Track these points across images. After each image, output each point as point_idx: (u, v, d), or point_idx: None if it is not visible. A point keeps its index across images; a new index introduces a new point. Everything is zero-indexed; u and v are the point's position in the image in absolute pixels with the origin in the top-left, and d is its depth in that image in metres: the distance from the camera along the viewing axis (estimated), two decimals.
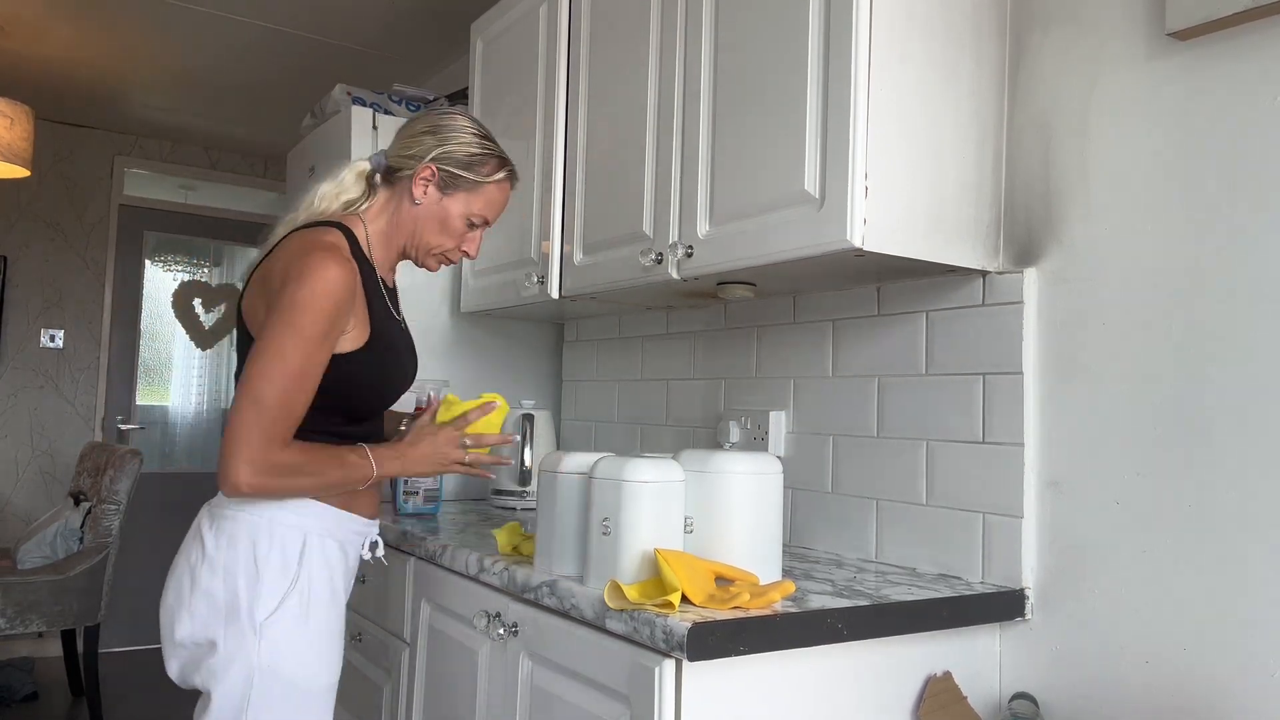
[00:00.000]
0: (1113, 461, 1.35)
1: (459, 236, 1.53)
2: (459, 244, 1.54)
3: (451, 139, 1.49)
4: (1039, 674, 1.42)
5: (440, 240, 1.52)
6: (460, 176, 1.49)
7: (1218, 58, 1.27)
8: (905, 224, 1.38)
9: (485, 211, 1.53)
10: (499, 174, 1.52)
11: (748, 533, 1.32)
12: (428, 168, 1.47)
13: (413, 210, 1.50)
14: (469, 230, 1.54)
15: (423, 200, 1.49)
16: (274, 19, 3.16)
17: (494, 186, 1.53)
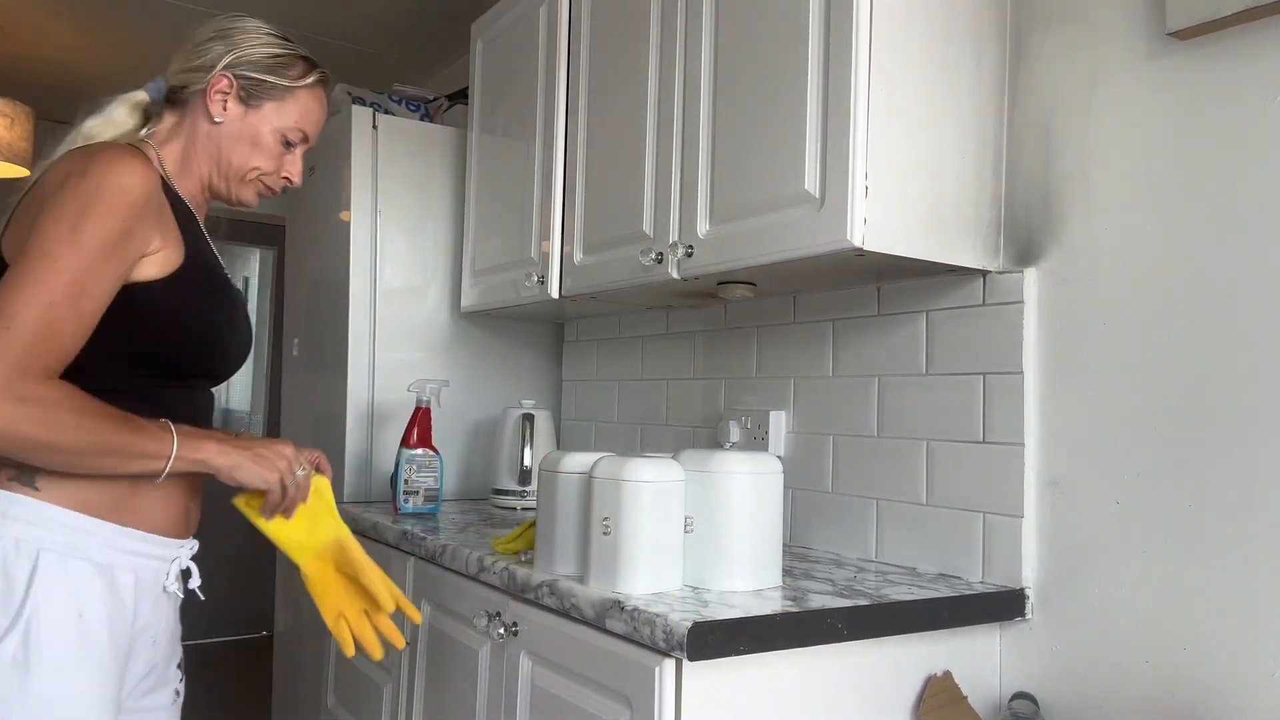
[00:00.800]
0: (1113, 461, 1.35)
1: (275, 157, 1.30)
2: (277, 167, 1.31)
3: (245, 41, 1.26)
4: (1039, 674, 1.42)
5: (254, 162, 1.28)
6: (264, 82, 1.26)
7: (1218, 58, 1.27)
8: (905, 224, 1.38)
9: (302, 124, 1.30)
10: (310, 77, 1.30)
11: (748, 533, 1.32)
12: (223, 77, 1.24)
13: (213, 131, 1.25)
14: (286, 149, 1.30)
15: (224, 118, 1.25)
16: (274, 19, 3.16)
17: (307, 93, 1.30)
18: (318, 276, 2.61)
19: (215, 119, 1.25)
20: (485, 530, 1.88)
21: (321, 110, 1.34)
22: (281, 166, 1.32)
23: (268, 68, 1.27)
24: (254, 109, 1.27)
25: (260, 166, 1.30)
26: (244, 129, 1.27)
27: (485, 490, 2.49)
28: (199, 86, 1.25)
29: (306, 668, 2.56)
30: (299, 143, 1.32)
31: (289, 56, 1.30)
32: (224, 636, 4.69)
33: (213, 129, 1.26)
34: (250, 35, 1.28)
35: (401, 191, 2.44)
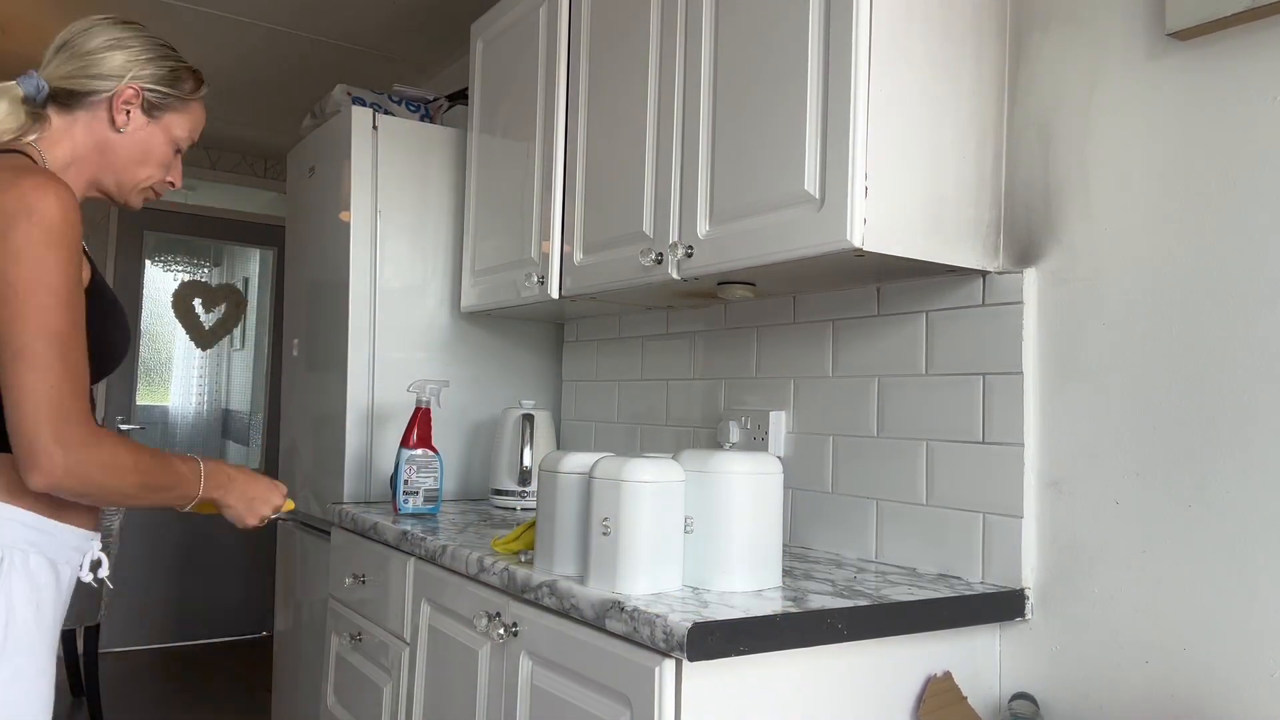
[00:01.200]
0: (1113, 461, 1.35)
1: (167, 164, 1.36)
2: (166, 173, 1.37)
3: (147, 53, 1.31)
4: (1039, 674, 1.42)
5: (149, 170, 1.33)
6: (167, 95, 1.32)
7: (1218, 58, 1.27)
8: (905, 224, 1.38)
9: (193, 134, 1.38)
10: (201, 90, 1.38)
11: (748, 533, 1.32)
12: (129, 88, 1.28)
13: (113, 139, 1.29)
14: (173, 156, 1.37)
15: (127, 128, 1.29)
16: (274, 19, 3.17)
17: (198, 104, 1.38)
18: (318, 276, 2.61)
19: (119, 128, 1.29)
20: (485, 530, 1.88)
21: (204, 119, 1.42)
22: (169, 172, 1.38)
23: (169, 80, 1.33)
24: (155, 120, 1.32)
25: (154, 175, 1.35)
26: (143, 138, 1.31)
27: (485, 490, 2.49)
28: (103, 94, 1.28)
29: (306, 668, 2.56)
30: (183, 149, 1.39)
31: (183, 69, 1.36)
32: (224, 636, 4.69)
33: (113, 137, 1.29)
34: (151, 47, 1.33)
35: (401, 191, 2.44)
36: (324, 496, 2.48)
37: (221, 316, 5.04)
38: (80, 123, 1.28)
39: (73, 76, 1.27)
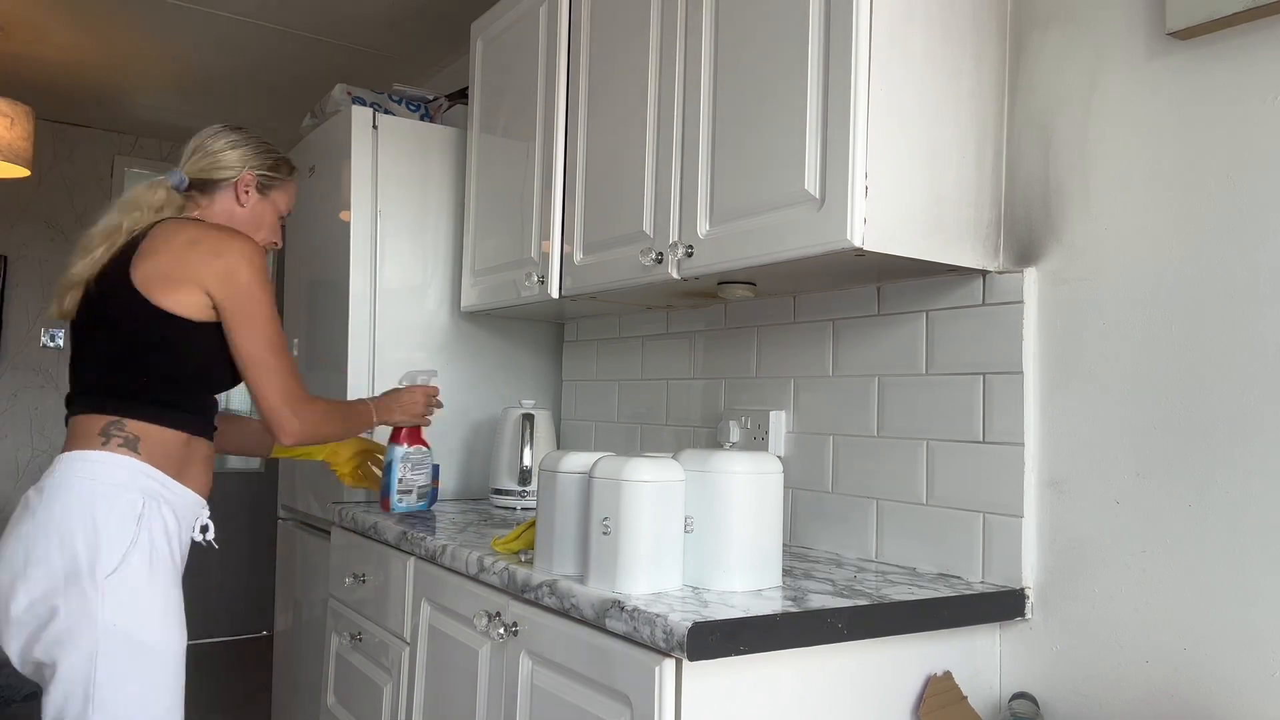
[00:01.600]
0: (1113, 461, 1.35)
1: (276, 229, 1.80)
2: (272, 236, 1.79)
3: (252, 150, 1.74)
4: (1039, 674, 1.42)
5: (264, 234, 1.76)
6: (272, 178, 1.76)
7: (1218, 57, 1.27)
8: (905, 224, 1.38)
9: (290, 205, 1.82)
10: (294, 174, 1.82)
11: (748, 533, 1.32)
12: (248, 174, 1.72)
13: (238, 212, 1.73)
14: (278, 223, 1.81)
15: (247, 204, 1.73)
16: (274, 19, 3.16)
17: (293, 183, 1.82)
18: (318, 276, 2.61)
19: (242, 204, 1.73)
20: (485, 530, 1.88)
21: (297, 192, 1.86)
22: (274, 235, 1.81)
23: (272, 168, 1.77)
24: (264, 197, 1.76)
25: (265, 236, 1.78)
26: (259, 211, 1.76)
27: (485, 490, 2.49)
28: (230, 180, 1.72)
29: (306, 668, 2.56)
30: (285, 217, 1.83)
31: (282, 160, 1.79)
32: (224, 636, 4.69)
33: (238, 211, 1.73)
34: (258, 144, 1.76)
35: (401, 191, 2.44)
36: (324, 496, 2.48)
37: None
38: (217, 203, 1.72)
39: (207, 169, 1.71)
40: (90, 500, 1.43)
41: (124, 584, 1.40)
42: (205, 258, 1.52)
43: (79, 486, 1.44)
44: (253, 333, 1.54)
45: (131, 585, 1.41)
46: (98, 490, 1.44)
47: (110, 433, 1.48)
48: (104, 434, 1.48)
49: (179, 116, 4.33)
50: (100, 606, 1.38)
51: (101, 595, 1.38)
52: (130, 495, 1.46)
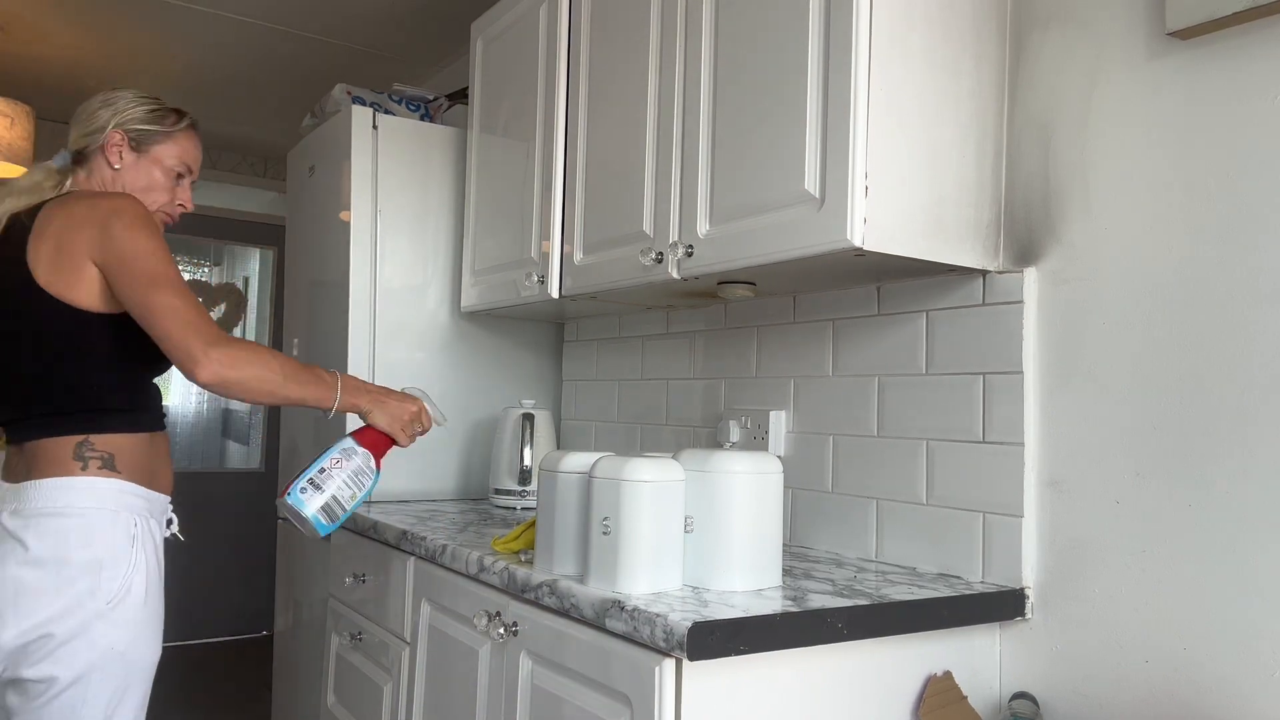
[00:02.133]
0: (1113, 461, 1.35)
1: (169, 190, 1.64)
2: (172, 197, 1.65)
3: (124, 104, 1.61)
4: (1039, 674, 1.42)
5: (153, 197, 1.61)
6: (147, 131, 1.61)
7: (1218, 58, 1.27)
8: (905, 224, 1.38)
9: (185, 159, 1.65)
10: (182, 123, 1.66)
11: (748, 533, 1.32)
12: (115, 133, 1.59)
13: (115, 176, 1.59)
14: (176, 182, 1.65)
15: (120, 164, 1.59)
16: (274, 19, 3.17)
17: (183, 134, 1.66)
18: (318, 276, 2.61)
19: (114, 165, 1.59)
20: (485, 530, 1.88)
21: (197, 148, 1.69)
22: (175, 197, 1.66)
23: (148, 119, 1.62)
24: (144, 153, 1.62)
25: (159, 199, 1.63)
26: (139, 171, 1.61)
27: (485, 490, 2.49)
28: (97, 144, 1.59)
29: (306, 668, 2.56)
30: (186, 174, 1.67)
31: (163, 110, 1.65)
32: (224, 636, 4.69)
33: (115, 175, 1.59)
34: (127, 99, 1.63)
35: (401, 191, 2.44)
36: None
37: (222, 316, 5.04)
38: (94, 173, 1.60)
39: (78, 138, 1.60)
40: (85, 531, 1.41)
41: (124, 612, 1.43)
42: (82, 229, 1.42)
43: (72, 514, 1.40)
44: (137, 279, 1.40)
45: (130, 613, 1.43)
46: (92, 521, 1.41)
47: (84, 455, 1.43)
48: (78, 457, 1.43)
49: None
50: (102, 633, 1.40)
51: (105, 623, 1.41)
52: (124, 519, 1.44)
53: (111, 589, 1.41)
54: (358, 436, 1.61)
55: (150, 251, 1.41)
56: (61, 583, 1.38)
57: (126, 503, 1.45)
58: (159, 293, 1.39)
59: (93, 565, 1.40)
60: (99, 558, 1.41)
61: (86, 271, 1.42)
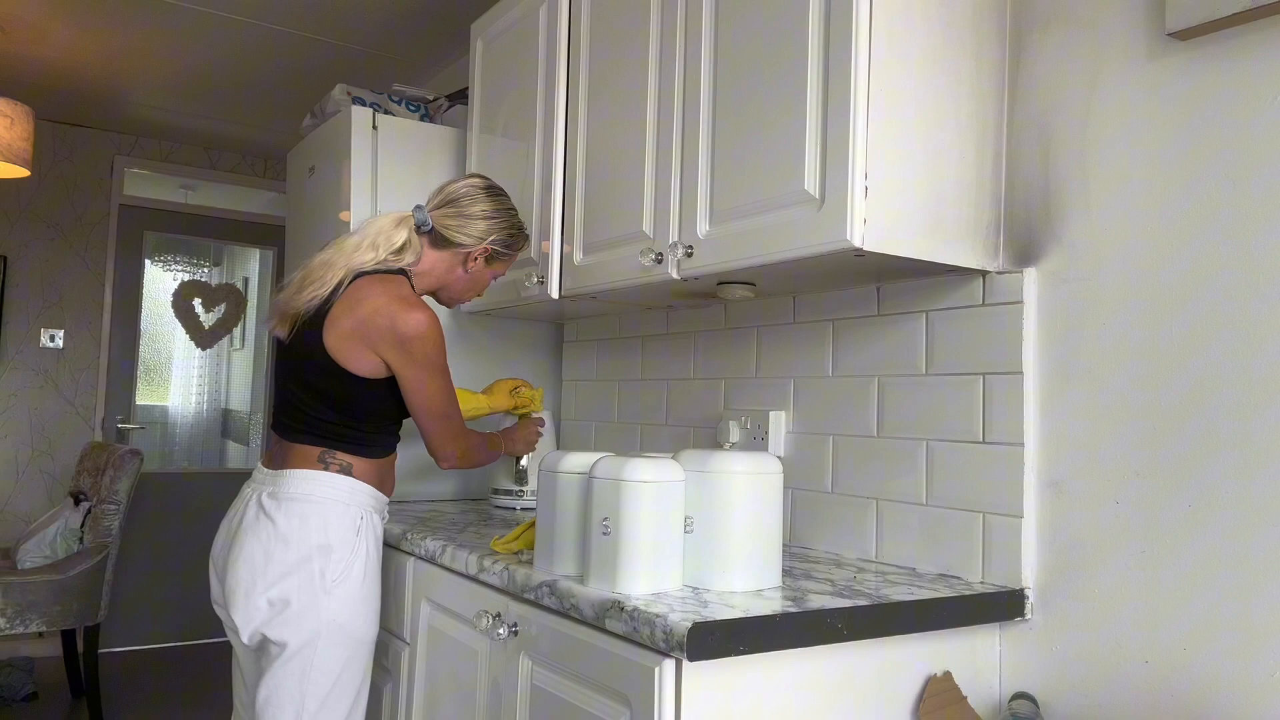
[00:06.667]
0: (1113, 461, 1.35)
1: (483, 289, 1.94)
2: (478, 294, 1.95)
3: (502, 224, 1.84)
4: (1039, 674, 1.42)
5: (472, 294, 1.93)
6: (503, 254, 1.87)
7: (1218, 58, 1.27)
8: (905, 224, 1.38)
9: (506, 271, 1.94)
10: (526, 242, 1.93)
11: (748, 533, 1.32)
12: (484, 248, 1.82)
13: (461, 274, 1.86)
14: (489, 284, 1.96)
15: (472, 271, 1.85)
16: (274, 19, 3.16)
17: (519, 254, 1.94)
18: None
19: (466, 271, 1.86)
20: (485, 530, 1.88)
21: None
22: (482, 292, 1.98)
23: (509, 244, 1.87)
24: (490, 266, 1.88)
25: (471, 296, 1.95)
26: (479, 277, 1.89)
27: (485, 491, 2.49)
28: (465, 249, 1.82)
29: None
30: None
31: (517, 235, 1.88)
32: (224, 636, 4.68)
33: (459, 274, 1.86)
34: (506, 220, 1.85)
35: (401, 192, 2.44)
36: None
37: (221, 316, 5.04)
38: (444, 261, 1.83)
39: (451, 229, 1.81)
40: (324, 517, 1.66)
41: (347, 589, 1.66)
42: (385, 333, 1.66)
43: (315, 501, 1.67)
44: (421, 390, 1.70)
45: (352, 590, 1.66)
46: (329, 508, 1.67)
47: (327, 460, 1.71)
48: (322, 461, 1.71)
49: (179, 116, 4.33)
50: (327, 606, 1.63)
51: (329, 597, 1.64)
52: (352, 512, 1.69)
53: (337, 570, 1.65)
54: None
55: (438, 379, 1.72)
56: (299, 557, 1.64)
57: (358, 499, 1.71)
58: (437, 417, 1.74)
59: (325, 547, 1.65)
60: (331, 541, 1.65)
61: (369, 359, 1.67)
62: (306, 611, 1.63)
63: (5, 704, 3.64)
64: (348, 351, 1.67)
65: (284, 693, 1.64)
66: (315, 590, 1.63)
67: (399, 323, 1.65)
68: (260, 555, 1.65)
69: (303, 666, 1.63)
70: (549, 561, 1.41)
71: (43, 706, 3.66)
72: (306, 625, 1.63)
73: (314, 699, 1.64)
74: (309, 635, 1.63)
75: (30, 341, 4.40)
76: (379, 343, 1.66)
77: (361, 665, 1.70)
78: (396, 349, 1.66)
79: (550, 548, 1.41)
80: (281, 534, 1.65)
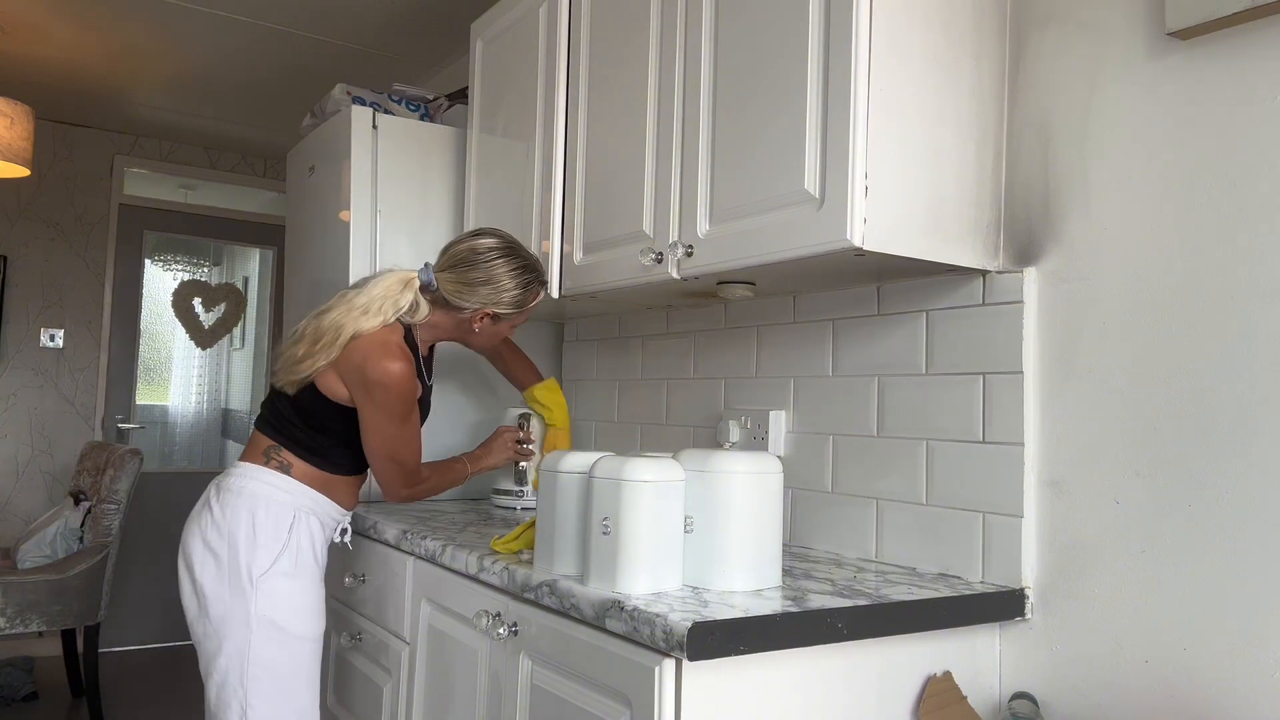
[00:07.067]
0: (1113, 461, 1.35)
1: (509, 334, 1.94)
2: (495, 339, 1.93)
3: (502, 290, 1.78)
4: (1039, 674, 1.42)
5: (496, 339, 1.92)
6: (509, 313, 1.83)
7: (1218, 57, 1.27)
8: (905, 223, 1.38)
9: (523, 319, 1.90)
10: (539, 294, 1.86)
11: (748, 532, 1.32)
12: (484, 313, 1.80)
13: (471, 334, 1.86)
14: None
15: (480, 329, 1.84)
16: (274, 19, 3.16)
17: (533, 305, 1.87)
18: (318, 276, 2.61)
19: (475, 329, 1.84)
20: (485, 530, 1.88)
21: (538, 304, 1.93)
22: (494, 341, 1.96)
23: (515, 304, 1.82)
24: (498, 323, 1.85)
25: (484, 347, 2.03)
26: (491, 333, 1.87)
27: (484, 491, 2.49)
28: (466, 313, 1.81)
29: None
30: None
31: (530, 293, 1.83)
32: None
33: (471, 333, 1.86)
34: (510, 281, 1.79)
35: (401, 191, 2.44)
36: None
37: (221, 316, 5.04)
38: (450, 320, 1.84)
39: (453, 292, 1.79)
40: (252, 509, 1.72)
41: (273, 582, 1.69)
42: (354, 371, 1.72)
43: (246, 493, 1.72)
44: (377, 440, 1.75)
45: (279, 584, 1.69)
46: (258, 500, 1.72)
47: (270, 455, 1.78)
48: (265, 455, 1.78)
49: (179, 116, 4.33)
50: (254, 600, 1.67)
51: (255, 590, 1.67)
52: (283, 508, 1.73)
53: (262, 563, 1.69)
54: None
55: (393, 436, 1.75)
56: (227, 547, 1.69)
57: (293, 499, 1.75)
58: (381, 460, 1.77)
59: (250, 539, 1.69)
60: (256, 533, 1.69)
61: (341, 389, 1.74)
62: (230, 601, 1.67)
63: (5, 704, 3.63)
64: (324, 375, 1.75)
65: (228, 690, 1.68)
66: (239, 581, 1.68)
67: (368, 366, 1.70)
68: (197, 543, 1.72)
69: (240, 662, 1.66)
70: (549, 561, 1.41)
71: (43, 706, 3.66)
72: (235, 617, 1.67)
73: (258, 695, 1.67)
74: (238, 627, 1.66)
75: (30, 341, 4.40)
76: (347, 376, 1.73)
77: (307, 662, 1.73)
78: (360, 388, 1.72)
79: (550, 547, 1.41)
80: (215, 523, 1.71)
